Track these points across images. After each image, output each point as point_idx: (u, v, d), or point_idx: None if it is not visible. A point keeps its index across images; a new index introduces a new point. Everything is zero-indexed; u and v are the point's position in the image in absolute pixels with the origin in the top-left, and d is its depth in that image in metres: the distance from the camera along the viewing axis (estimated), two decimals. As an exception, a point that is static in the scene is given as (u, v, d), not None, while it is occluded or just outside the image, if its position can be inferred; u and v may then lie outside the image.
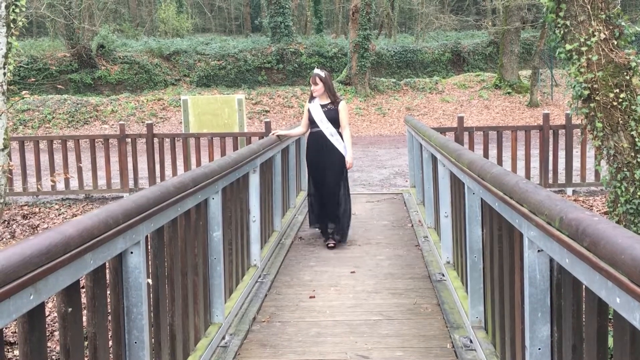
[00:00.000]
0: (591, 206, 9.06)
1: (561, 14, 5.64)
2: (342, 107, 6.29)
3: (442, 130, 9.33)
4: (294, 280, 5.22)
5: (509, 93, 22.54)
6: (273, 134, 6.35)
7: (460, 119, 9.98)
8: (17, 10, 7.12)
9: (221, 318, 4.01)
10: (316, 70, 6.39)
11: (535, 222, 2.38)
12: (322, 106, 6.28)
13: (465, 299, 4.16)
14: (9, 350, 6.06)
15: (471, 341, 3.76)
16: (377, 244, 6.36)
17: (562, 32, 5.70)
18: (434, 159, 6.01)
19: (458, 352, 3.67)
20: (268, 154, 5.91)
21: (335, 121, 6.25)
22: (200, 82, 25.10)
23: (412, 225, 7.13)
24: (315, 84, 6.29)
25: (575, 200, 9.25)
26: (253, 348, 3.87)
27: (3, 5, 5.95)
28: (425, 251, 5.96)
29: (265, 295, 4.84)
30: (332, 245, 6.20)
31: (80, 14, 24.66)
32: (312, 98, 6.37)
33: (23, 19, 7.31)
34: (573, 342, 2.26)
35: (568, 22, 5.62)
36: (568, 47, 5.65)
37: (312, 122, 6.33)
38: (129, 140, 10.52)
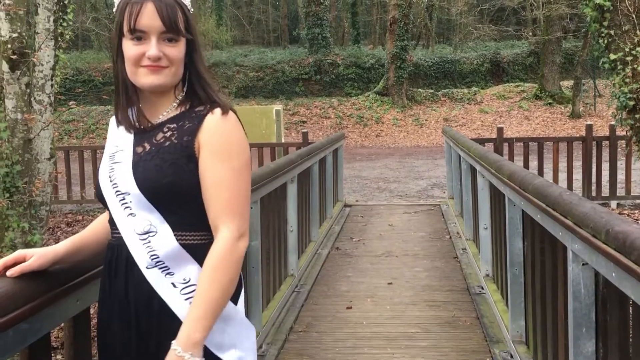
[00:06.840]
0: (637, 220, 8.80)
1: (605, 23, 5.54)
2: (218, 130, 1.55)
3: (481, 141, 9.20)
4: (331, 291, 5.21)
5: (550, 104, 22.14)
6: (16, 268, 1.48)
7: (500, 130, 9.85)
8: (64, 24, 7.38)
9: (258, 327, 4.03)
10: None
11: (580, 235, 2.33)
12: (139, 137, 1.55)
13: (506, 312, 4.08)
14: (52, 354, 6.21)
15: (512, 356, 3.69)
16: (415, 256, 6.30)
17: (606, 41, 5.60)
18: (473, 170, 5.94)
19: (498, 367, 3.60)
20: (306, 164, 5.93)
21: (178, 199, 1.51)
22: (239, 93, 25.41)
23: (450, 237, 7.05)
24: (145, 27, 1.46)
25: (619, 213, 9.00)
26: (290, 358, 3.87)
27: (51, 19, 6.18)
28: (463, 263, 5.89)
29: (302, 305, 4.84)
30: None
31: (124, 27, 25.32)
32: (127, 105, 1.57)
33: (70, 33, 7.56)
34: (619, 359, 2.19)
35: (612, 32, 5.51)
36: (612, 56, 5.54)
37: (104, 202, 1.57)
38: (169, 150, 10.70)
